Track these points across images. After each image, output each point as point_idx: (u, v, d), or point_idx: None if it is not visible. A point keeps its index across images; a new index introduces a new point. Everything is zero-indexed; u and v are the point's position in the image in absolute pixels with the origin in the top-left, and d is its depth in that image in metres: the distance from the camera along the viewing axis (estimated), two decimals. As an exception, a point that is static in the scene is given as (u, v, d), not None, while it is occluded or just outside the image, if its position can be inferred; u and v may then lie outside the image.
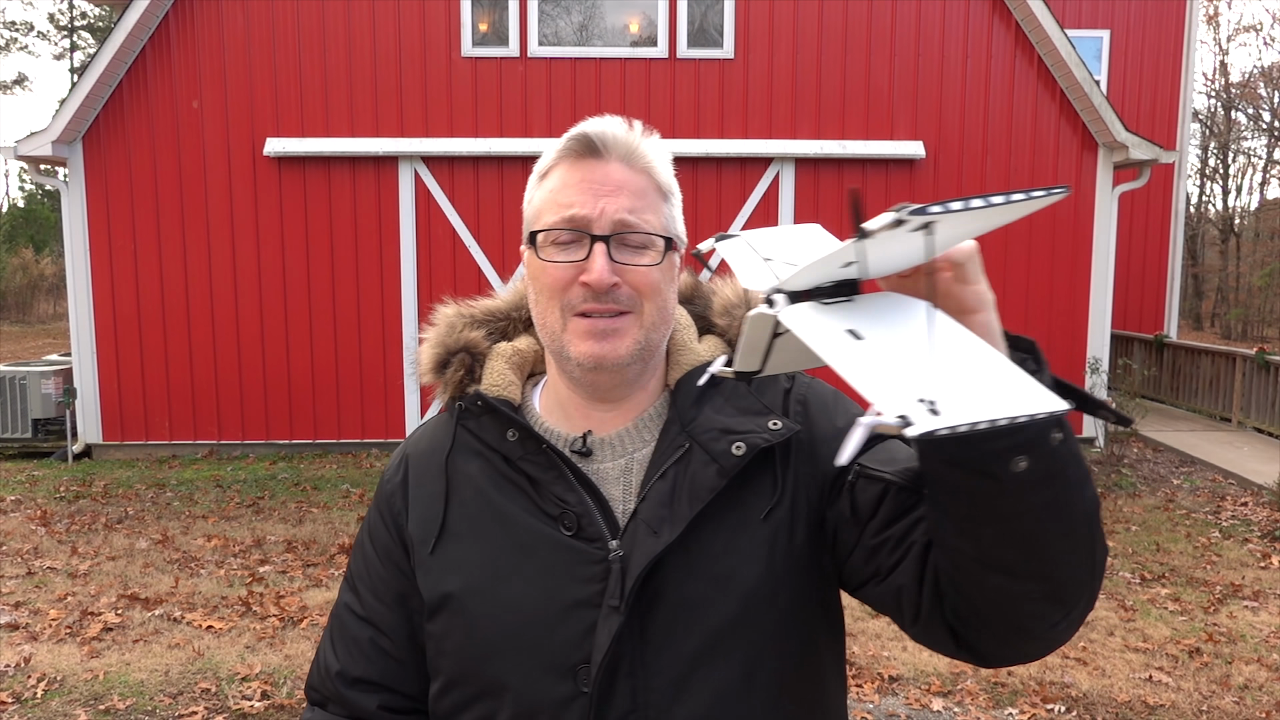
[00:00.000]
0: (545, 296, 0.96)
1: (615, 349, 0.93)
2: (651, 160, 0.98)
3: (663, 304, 0.96)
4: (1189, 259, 22.68)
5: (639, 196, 0.95)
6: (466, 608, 0.95)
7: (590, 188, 0.94)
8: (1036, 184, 8.61)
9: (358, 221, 8.49)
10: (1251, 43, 38.36)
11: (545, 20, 8.56)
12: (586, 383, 0.98)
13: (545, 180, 0.99)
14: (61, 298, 26.27)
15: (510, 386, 1.03)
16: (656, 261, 0.95)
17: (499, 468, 0.98)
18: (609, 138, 0.95)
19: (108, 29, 25.91)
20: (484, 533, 0.96)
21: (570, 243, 0.94)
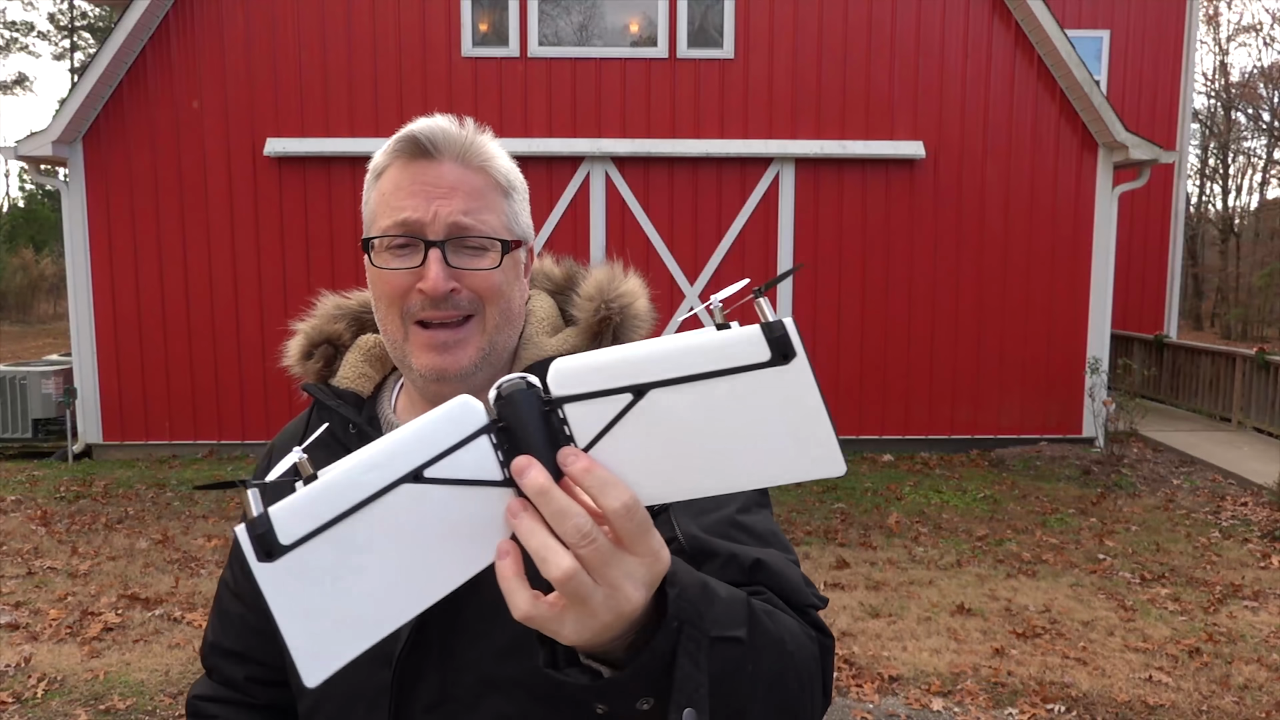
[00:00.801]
0: (384, 304, 0.93)
1: (458, 360, 0.91)
2: (489, 157, 0.93)
3: (506, 306, 0.94)
4: (1189, 259, 22.68)
5: (475, 196, 0.91)
6: None
7: (422, 190, 0.90)
8: (1037, 185, 8.62)
9: (358, 222, 8.47)
10: (1251, 43, 38.37)
11: (545, 20, 8.56)
12: (430, 393, 0.95)
13: (379, 182, 0.94)
14: (61, 298, 26.27)
15: (361, 379, 1.03)
16: (496, 264, 0.91)
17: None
18: (439, 137, 0.90)
19: (108, 29, 25.91)
20: None
21: (405, 248, 0.90)
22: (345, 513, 0.54)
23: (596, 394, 0.56)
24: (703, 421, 0.56)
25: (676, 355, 0.55)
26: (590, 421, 0.57)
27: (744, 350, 0.55)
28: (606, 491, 0.57)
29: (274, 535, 0.52)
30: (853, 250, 8.62)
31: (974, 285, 8.65)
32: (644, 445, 0.57)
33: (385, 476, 0.54)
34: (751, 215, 8.58)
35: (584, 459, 0.57)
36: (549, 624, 0.58)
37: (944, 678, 4.10)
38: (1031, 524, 6.52)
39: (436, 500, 0.56)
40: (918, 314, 8.64)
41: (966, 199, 8.64)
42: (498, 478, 0.57)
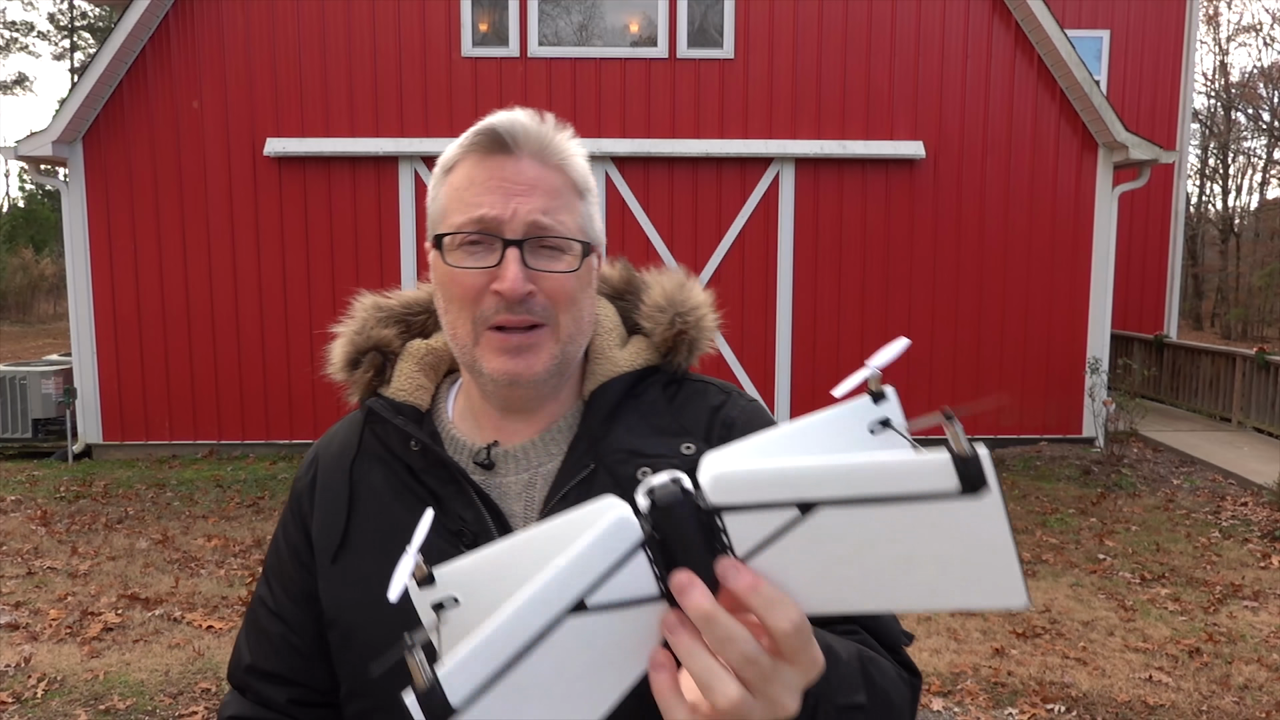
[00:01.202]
0: (456, 306, 0.89)
1: (531, 366, 0.88)
2: (566, 156, 0.90)
3: (578, 314, 0.90)
4: (1189, 259, 22.69)
5: (553, 195, 0.88)
6: (360, 624, 0.91)
7: (500, 186, 0.86)
8: (1037, 185, 8.62)
9: (358, 222, 8.49)
10: (1251, 43, 38.36)
11: (545, 20, 8.56)
12: (500, 397, 0.93)
13: (450, 177, 0.90)
14: (61, 298, 26.27)
15: (419, 391, 0.98)
16: (574, 268, 0.88)
17: (402, 478, 0.94)
18: (519, 131, 0.87)
19: (108, 29, 25.92)
20: (384, 547, 0.92)
21: (479, 245, 0.87)
22: (512, 660, 0.52)
23: (760, 505, 0.53)
24: (872, 543, 0.53)
25: (853, 475, 0.52)
26: (750, 532, 0.54)
27: (930, 478, 0.51)
28: (774, 611, 0.54)
29: (445, 700, 0.50)
30: (852, 250, 8.62)
31: (974, 285, 8.64)
32: (805, 561, 0.54)
33: (549, 614, 0.52)
34: (751, 215, 8.58)
35: (747, 574, 0.54)
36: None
37: (944, 678, 4.10)
38: (1031, 524, 6.52)
39: (595, 626, 0.54)
40: (917, 314, 8.64)
41: (966, 199, 8.64)
42: (654, 594, 0.55)
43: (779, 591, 0.54)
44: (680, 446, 0.90)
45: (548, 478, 0.92)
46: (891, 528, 0.52)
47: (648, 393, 0.97)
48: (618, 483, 0.88)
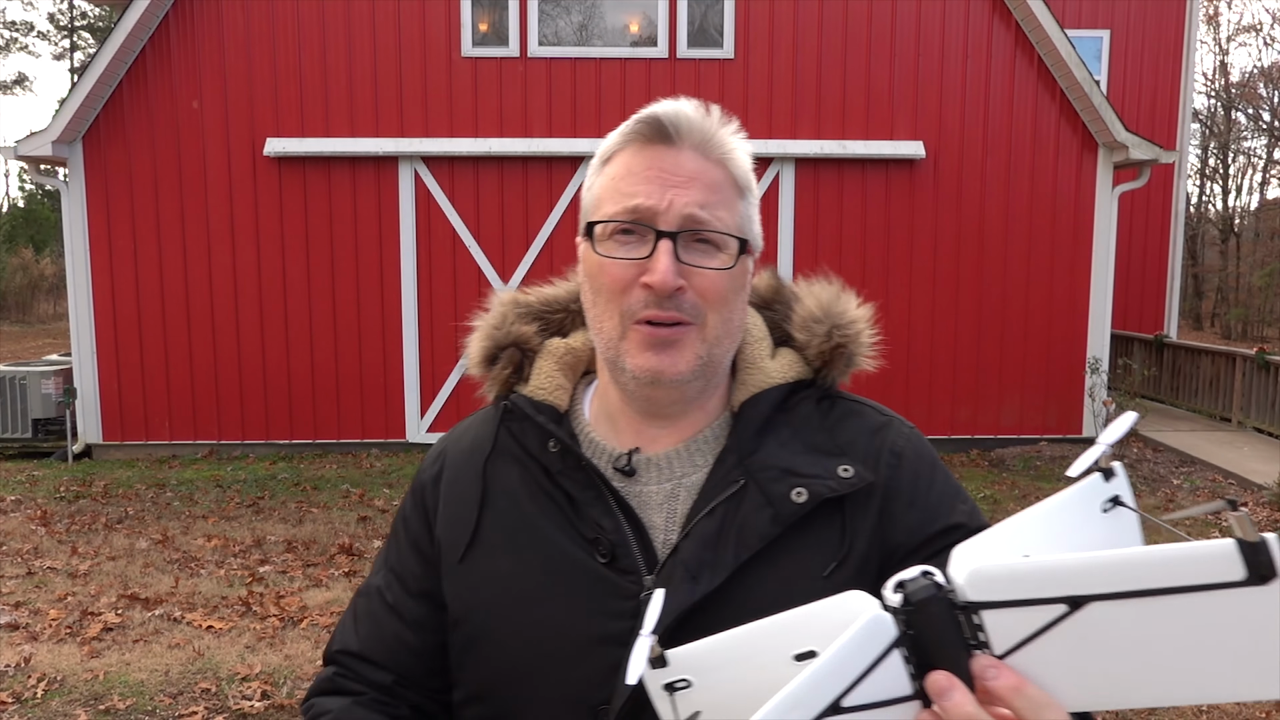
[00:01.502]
0: (604, 299, 0.86)
1: (675, 363, 0.84)
2: (730, 150, 0.87)
3: (729, 315, 0.87)
4: (1189, 259, 22.69)
5: (713, 190, 0.85)
6: (489, 627, 0.88)
7: (658, 176, 0.84)
8: (1037, 185, 8.62)
9: (358, 222, 8.49)
10: (1251, 43, 38.38)
11: (545, 20, 8.56)
12: (641, 397, 0.89)
13: (608, 166, 0.89)
14: (61, 298, 26.27)
15: (558, 391, 0.94)
16: (728, 265, 0.85)
17: (538, 479, 0.90)
18: (683, 122, 0.85)
19: (108, 29, 25.90)
20: (515, 549, 0.89)
21: (631, 236, 0.84)
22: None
23: (1022, 602, 0.51)
24: (1144, 637, 0.50)
25: (1128, 567, 0.49)
26: (1011, 628, 0.52)
27: (1214, 567, 0.48)
28: (1041, 715, 0.51)
29: None
30: (852, 250, 8.62)
31: (974, 285, 8.65)
32: (1068, 657, 0.52)
33: (807, 715, 0.51)
34: (751, 215, 8.57)
35: (1009, 674, 0.52)
36: None
37: (944, 678, 4.09)
38: (1031, 524, 6.51)
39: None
40: (917, 314, 8.64)
41: (966, 199, 8.64)
42: (908, 693, 0.54)
43: (1044, 693, 0.52)
44: (837, 468, 0.85)
45: (692, 490, 0.88)
46: (1164, 620, 0.49)
47: (800, 407, 0.92)
48: (769, 501, 0.83)
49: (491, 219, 8.59)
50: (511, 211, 8.56)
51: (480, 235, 8.57)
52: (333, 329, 8.52)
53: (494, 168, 8.52)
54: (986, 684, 0.52)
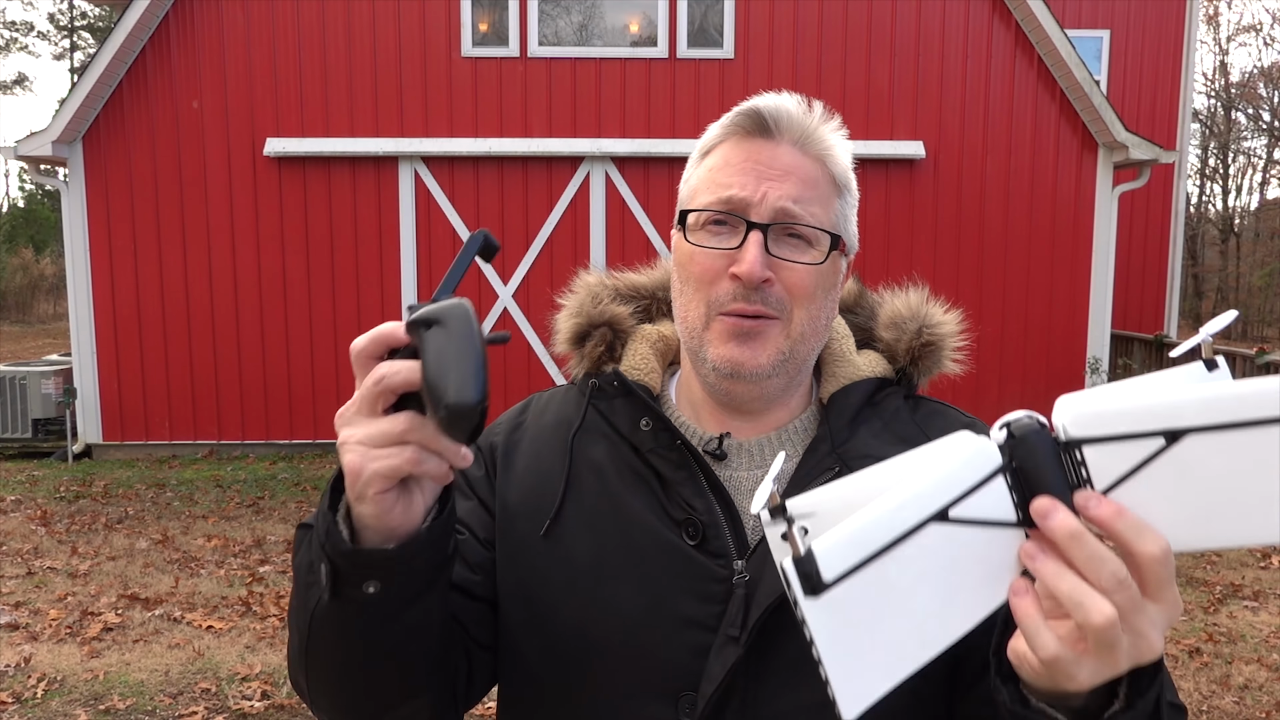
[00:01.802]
0: (691, 288, 0.86)
1: (755, 356, 0.83)
2: (829, 147, 0.88)
3: (816, 313, 0.85)
4: (1189, 259, 22.69)
5: (808, 185, 0.85)
6: (567, 604, 0.85)
7: (754, 169, 0.84)
8: (1037, 185, 8.62)
9: (358, 222, 8.49)
10: (1251, 43, 38.37)
11: (545, 20, 8.57)
12: (721, 390, 0.87)
13: (707, 158, 0.89)
14: (61, 298, 26.27)
15: (652, 374, 0.93)
16: (818, 261, 0.84)
17: (627, 458, 0.88)
18: (783, 116, 0.87)
19: (108, 29, 25.90)
20: (598, 525, 0.87)
21: (723, 226, 0.85)
22: (880, 550, 0.54)
23: (1123, 436, 0.54)
24: (1237, 470, 0.53)
25: (1222, 400, 0.52)
26: (1111, 464, 0.55)
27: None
28: (1143, 537, 0.54)
29: (818, 572, 0.53)
30: (853, 250, 8.63)
31: (974, 284, 8.65)
32: (1166, 493, 0.54)
33: (916, 515, 0.55)
34: (751, 215, 8.58)
35: (1110, 503, 0.54)
36: (1069, 667, 0.56)
37: (944, 678, 4.10)
38: (1031, 524, 6.52)
39: (957, 541, 0.56)
40: (918, 314, 8.64)
41: (966, 199, 8.64)
42: (1012, 519, 0.56)
43: (1143, 520, 0.54)
44: None
45: (784, 477, 0.86)
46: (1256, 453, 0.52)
47: (888, 402, 0.92)
48: None
49: (491, 219, 8.59)
50: (511, 211, 8.56)
51: (480, 235, 8.55)
52: (333, 329, 8.52)
53: (494, 168, 8.52)
54: (1088, 513, 0.54)
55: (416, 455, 0.65)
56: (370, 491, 0.66)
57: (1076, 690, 0.58)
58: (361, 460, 0.66)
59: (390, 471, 0.66)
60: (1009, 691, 0.64)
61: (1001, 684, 0.65)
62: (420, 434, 0.65)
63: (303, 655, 0.78)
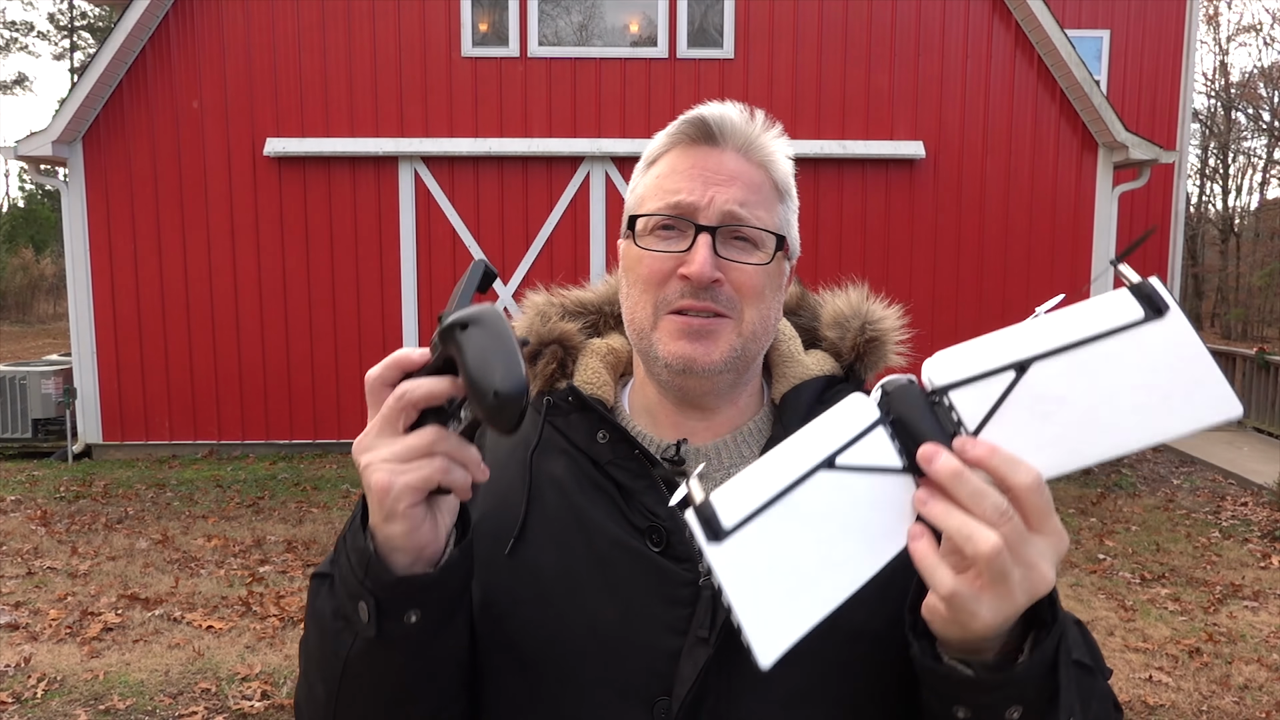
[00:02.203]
0: (639, 289, 0.88)
1: (708, 353, 0.85)
2: (771, 154, 0.90)
3: (765, 312, 0.88)
4: (1189, 259, 22.68)
5: (753, 190, 0.87)
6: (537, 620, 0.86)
7: (701, 175, 0.86)
8: (1037, 185, 8.62)
9: (358, 222, 8.49)
10: (1251, 43, 38.36)
11: (545, 20, 8.56)
12: (674, 386, 0.89)
13: (654, 167, 0.92)
14: (61, 298, 26.27)
15: (605, 386, 0.95)
16: (765, 261, 0.87)
17: (586, 471, 0.90)
18: (727, 124, 0.88)
19: (108, 29, 25.90)
20: (562, 539, 0.88)
21: (672, 230, 0.87)
22: (774, 496, 0.58)
23: (979, 376, 0.60)
24: (1087, 388, 0.59)
25: (1052, 328, 0.59)
26: (976, 404, 0.60)
27: (1116, 312, 0.59)
28: (1015, 470, 0.58)
29: (718, 518, 0.57)
30: (852, 250, 8.63)
31: (974, 284, 8.65)
32: (1032, 420, 0.59)
33: (804, 464, 0.59)
34: (751, 215, 8.58)
35: (984, 444, 0.59)
36: (969, 603, 0.59)
37: (944, 678, 4.09)
38: (1031, 524, 6.51)
39: (847, 487, 0.60)
40: (917, 314, 8.60)
41: (966, 199, 8.64)
42: (898, 466, 0.61)
43: (1015, 455, 0.59)
44: None
45: None
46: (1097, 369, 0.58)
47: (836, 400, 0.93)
48: None
49: (491, 219, 8.59)
50: (511, 211, 8.56)
51: (480, 235, 8.57)
52: (333, 329, 8.52)
53: (494, 168, 8.52)
54: (965, 455, 0.59)
55: (445, 465, 0.68)
56: (401, 506, 0.68)
57: (983, 631, 0.61)
58: (390, 476, 0.67)
59: (422, 483, 0.67)
60: (921, 646, 0.68)
61: (915, 639, 0.68)
62: (447, 444, 0.68)
63: (330, 706, 0.79)
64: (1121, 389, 0.58)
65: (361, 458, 0.70)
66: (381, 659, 0.75)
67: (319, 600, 0.79)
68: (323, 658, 0.78)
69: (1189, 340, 0.58)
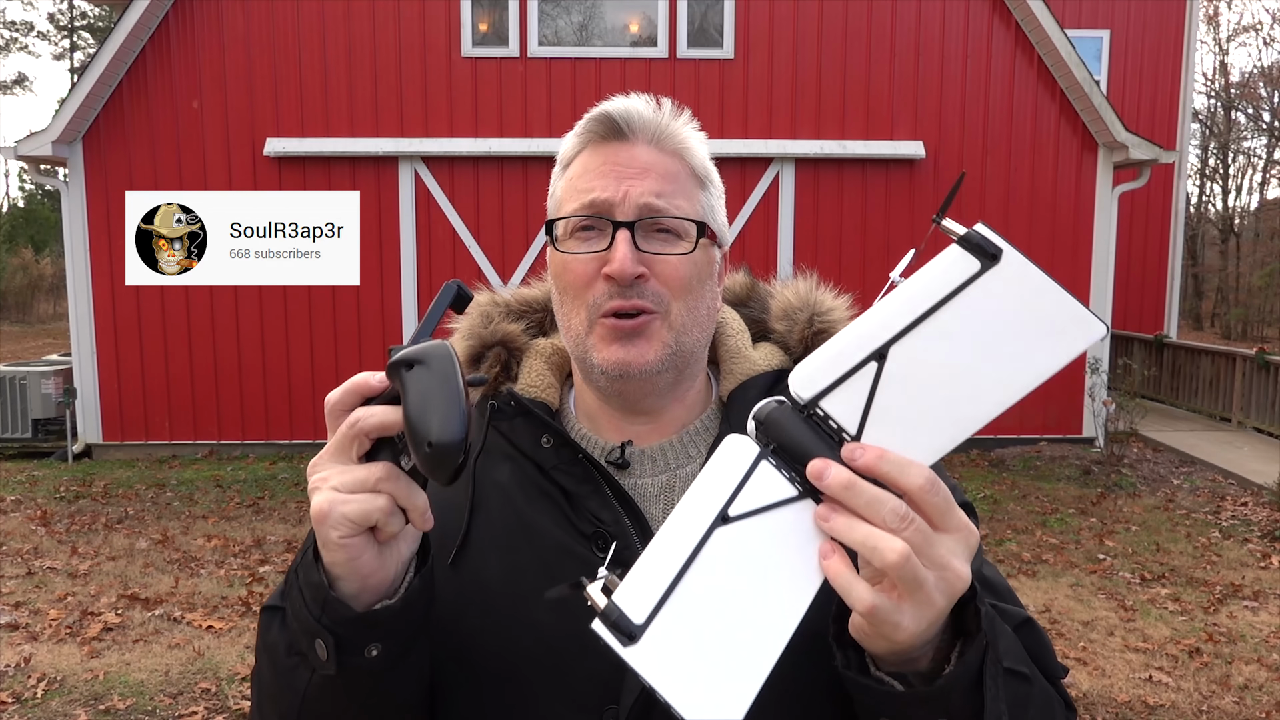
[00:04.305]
0: (569, 296, 0.86)
1: (643, 354, 0.83)
2: (683, 140, 0.88)
3: (695, 303, 0.85)
4: (1189, 259, 22.68)
5: (669, 180, 0.85)
6: (483, 630, 0.84)
7: (613, 170, 0.85)
8: (1037, 185, 8.62)
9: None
10: (1251, 43, 38.36)
11: (545, 20, 8.56)
12: (613, 392, 0.87)
13: (568, 169, 0.90)
14: (61, 298, 26.26)
15: (549, 389, 0.93)
16: (688, 251, 0.84)
17: (531, 477, 0.88)
18: (634, 116, 0.87)
19: (108, 29, 25.89)
20: (508, 547, 0.86)
21: (591, 231, 0.85)
22: (678, 576, 0.56)
23: (843, 378, 0.58)
24: (951, 354, 0.57)
25: (896, 306, 0.58)
26: (850, 406, 0.58)
27: (953, 271, 0.57)
28: (906, 471, 0.57)
29: (627, 619, 0.55)
30: (852, 250, 8.63)
31: (974, 285, 8.64)
32: (909, 403, 0.58)
33: (698, 530, 0.57)
34: (752, 215, 8.58)
35: (871, 449, 0.58)
36: (891, 615, 0.58)
37: (944, 678, 4.09)
38: (1031, 524, 6.51)
39: (750, 536, 0.57)
40: (918, 314, 8.63)
41: (966, 199, 8.64)
42: (793, 494, 0.59)
43: (903, 456, 0.58)
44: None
45: (687, 480, 0.87)
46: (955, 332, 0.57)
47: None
48: None
49: (491, 219, 8.59)
50: (511, 212, 8.56)
51: (480, 235, 8.57)
52: (333, 329, 8.52)
53: (494, 168, 8.52)
54: (855, 465, 0.58)
55: (388, 505, 0.66)
56: (334, 535, 0.66)
57: (909, 640, 0.59)
58: (329, 505, 0.66)
59: (359, 516, 0.66)
60: (846, 656, 0.67)
61: (840, 650, 0.67)
62: (393, 485, 0.66)
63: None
64: (984, 343, 0.57)
65: (311, 478, 0.69)
66: (342, 694, 0.72)
67: (270, 635, 0.77)
68: (278, 692, 0.76)
69: (1031, 275, 0.57)
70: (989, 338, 0.57)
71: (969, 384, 0.58)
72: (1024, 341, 0.57)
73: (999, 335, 0.57)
